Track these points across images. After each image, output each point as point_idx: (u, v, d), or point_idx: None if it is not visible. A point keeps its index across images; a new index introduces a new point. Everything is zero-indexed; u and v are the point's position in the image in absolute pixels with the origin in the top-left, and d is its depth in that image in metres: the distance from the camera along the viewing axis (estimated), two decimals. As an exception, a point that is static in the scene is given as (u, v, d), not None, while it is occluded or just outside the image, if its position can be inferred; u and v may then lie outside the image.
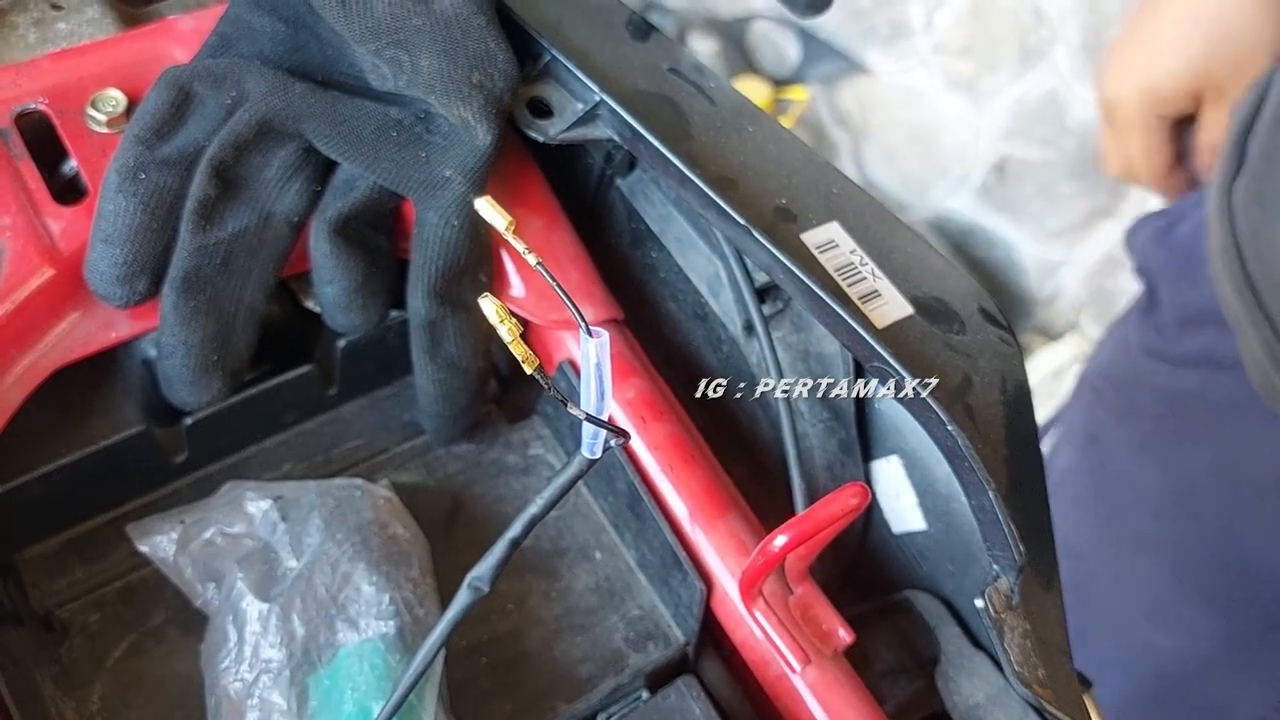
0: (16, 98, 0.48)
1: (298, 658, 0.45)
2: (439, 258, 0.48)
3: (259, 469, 0.54)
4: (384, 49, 0.47)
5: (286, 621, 0.45)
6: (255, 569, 0.46)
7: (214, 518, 0.48)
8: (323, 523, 0.47)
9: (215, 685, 0.45)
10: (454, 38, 0.47)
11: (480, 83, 0.46)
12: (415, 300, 0.49)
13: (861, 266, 0.44)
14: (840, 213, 0.46)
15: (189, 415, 0.50)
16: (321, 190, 0.48)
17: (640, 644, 0.51)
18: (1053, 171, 1.75)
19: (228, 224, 0.46)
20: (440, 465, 0.56)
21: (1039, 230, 1.82)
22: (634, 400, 0.52)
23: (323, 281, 0.49)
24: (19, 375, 0.46)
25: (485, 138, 0.46)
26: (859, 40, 1.84)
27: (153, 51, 0.51)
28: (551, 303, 0.51)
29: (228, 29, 0.50)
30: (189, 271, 0.45)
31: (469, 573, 0.42)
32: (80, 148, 0.48)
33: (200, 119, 0.47)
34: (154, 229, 0.45)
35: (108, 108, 0.48)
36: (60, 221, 0.46)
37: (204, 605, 0.48)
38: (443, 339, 0.50)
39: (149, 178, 0.45)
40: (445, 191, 0.47)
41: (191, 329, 0.46)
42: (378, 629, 0.45)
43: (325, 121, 0.46)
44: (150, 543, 0.49)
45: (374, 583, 0.46)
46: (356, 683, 0.44)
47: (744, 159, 0.46)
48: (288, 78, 0.47)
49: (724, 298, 0.55)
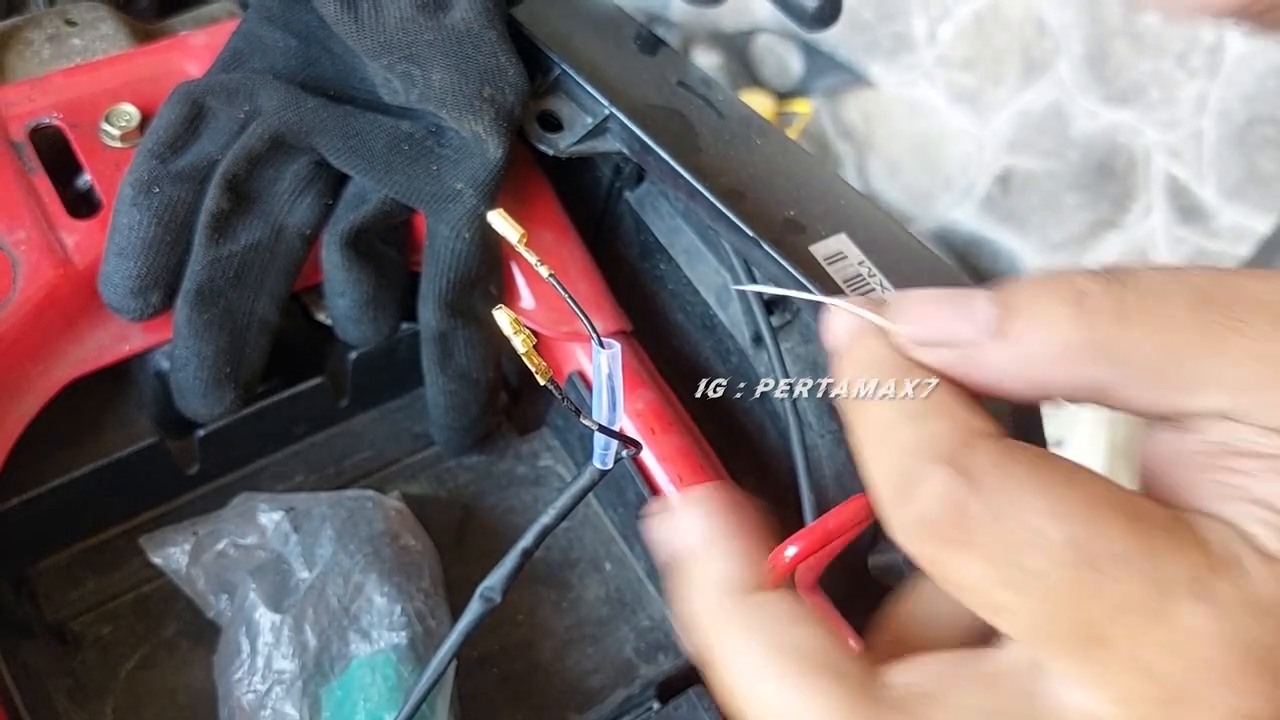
0: (31, 112, 0.49)
1: (310, 669, 0.45)
2: (450, 270, 0.48)
3: (271, 480, 0.54)
4: (396, 63, 0.47)
5: (299, 632, 0.45)
6: (268, 580, 0.47)
7: (227, 529, 0.48)
8: (335, 534, 0.48)
9: (228, 696, 0.45)
10: (465, 52, 0.47)
11: (491, 97, 0.47)
12: (426, 312, 0.49)
13: (870, 278, 0.44)
14: (848, 224, 0.46)
15: (202, 427, 0.50)
16: (333, 203, 0.48)
17: (651, 655, 0.51)
18: (1056, 183, 1.75)
19: (241, 237, 0.46)
20: (451, 476, 0.56)
21: (1043, 242, 1.82)
22: (643, 411, 0.52)
23: (334, 294, 0.49)
24: (33, 388, 0.46)
25: (496, 151, 0.47)
26: (862, 53, 1.85)
27: (166, 67, 0.52)
28: (561, 314, 0.52)
29: (240, 44, 0.50)
30: (202, 284, 0.46)
31: (481, 584, 0.42)
32: (94, 162, 0.48)
33: (213, 133, 0.47)
34: (167, 242, 0.45)
35: (121, 122, 0.49)
36: (74, 235, 0.47)
37: (216, 616, 0.48)
38: (453, 351, 0.50)
39: (163, 191, 0.45)
40: (456, 204, 0.47)
41: (205, 341, 0.46)
42: (389, 640, 0.46)
43: (337, 135, 0.47)
44: (163, 554, 0.49)
45: (386, 594, 0.46)
46: (369, 694, 0.44)
47: (752, 171, 0.46)
48: (300, 92, 0.47)
49: (732, 309, 0.55)
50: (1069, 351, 0.27)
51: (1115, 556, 0.24)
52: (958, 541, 0.25)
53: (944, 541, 0.26)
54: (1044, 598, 0.25)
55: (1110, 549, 0.25)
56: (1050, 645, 0.25)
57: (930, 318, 0.29)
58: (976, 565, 0.25)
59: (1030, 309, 0.28)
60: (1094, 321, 0.27)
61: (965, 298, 0.29)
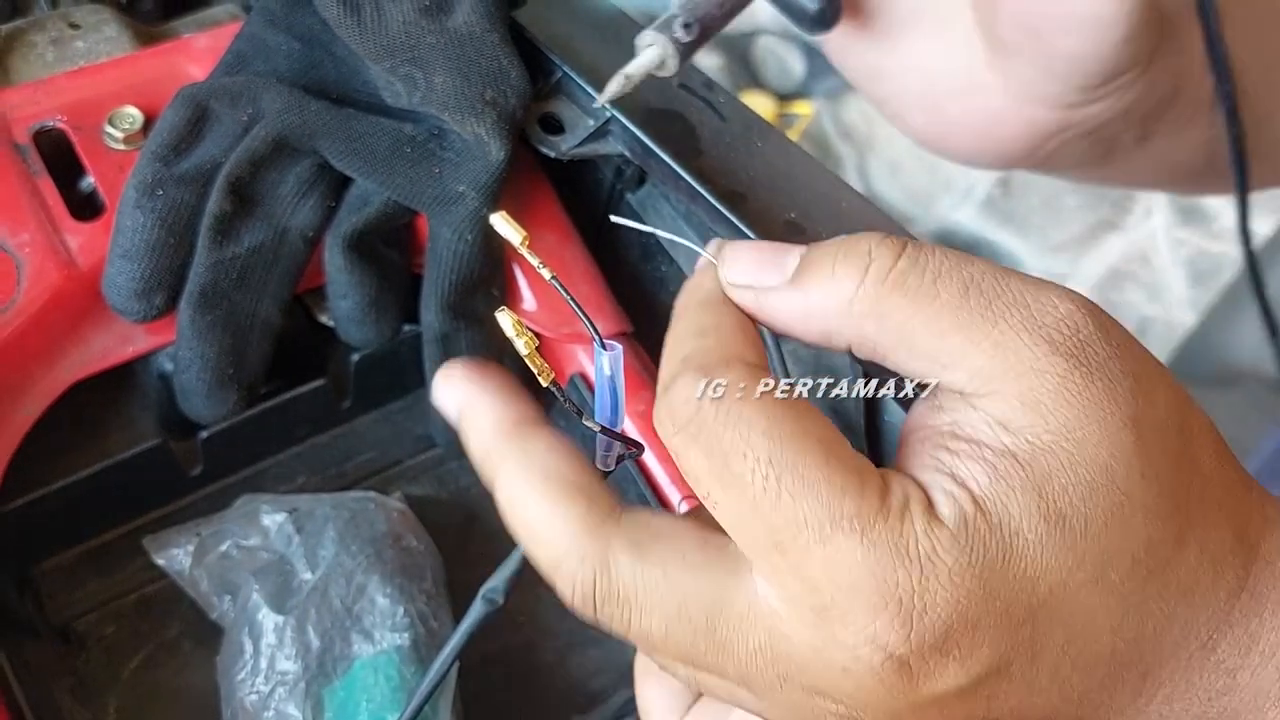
0: (35, 115, 0.49)
1: (313, 670, 0.45)
2: (452, 272, 0.48)
3: (274, 482, 0.54)
4: (398, 66, 0.47)
5: (302, 634, 0.45)
6: (270, 581, 0.47)
7: (230, 530, 0.48)
8: (337, 535, 0.48)
9: (231, 697, 0.45)
10: (467, 55, 0.47)
11: (493, 99, 0.47)
12: (428, 314, 0.49)
13: (871, 280, 0.44)
14: (850, 226, 0.46)
15: (205, 428, 0.51)
16: (336, 206, 0.48)
17: (652, 655, 0.51)
18: (1057, 185, 1.75)
19: (244, 239, 0.46)
20: (453, 478, 0.56)
21: (1043, 243, 1.82)
22: (645, 413, 0.52)
23: (337, 296, 0.49)
24: (37, 389, 0.46)
25: (498, 153, 0.47)
26: (863, 55, 1.85)
27: (169, 69, 0.52)
28: (563, 316, 0.52)
29: (243, 46, 0.50)
30: (205, 286, 0.46)
31: (483, 585, 0.42)
32: (98, 164, 0.49)
33: (217, 136, 0.47)
34: (171, 244, 0.46)
35: (125, 125, 0.49)
36: (78, 237, 0.47)
37: (220, 617, 0.48)
38: (456, 353, 0.50)
39: (166, 194, 0.46)
40: (458, 207, 0.47)
41: (208, 343, 0.46)
42: (392, 641, 0.46)
43: (340, 138, 0.47)
44: (167, 555, 0.49)
45: (388, 595, 0.47)
46: (371, 695, 0.45)
47: (754, 174, 0.47)
48: (303, 95, 0.47)
49: (734, 311, 0.55)
50: (848, 307, 0.32)
51: (803, 481, 0.29)
52: (689, 434, 0.31)
53: (681, 433, 0.31)
54: (740, 498, 0.30)
55: (801, 474, 0.30)
56: (743, 539, 0.31)
57: (746, 263, 0.34)
58: (701, 458, 0.31)
59: (821, 265, 0.33)
60: (873, 285, 0.32)
61: (781, 251, 0.34)
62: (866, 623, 0.29)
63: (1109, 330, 0.31)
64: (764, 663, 0.32)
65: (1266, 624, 0.33)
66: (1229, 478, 0.33)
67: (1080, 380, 0.30)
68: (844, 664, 0.30)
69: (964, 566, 0.29)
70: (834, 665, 0.30)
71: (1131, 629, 0.31)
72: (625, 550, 0.32)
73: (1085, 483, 0.30)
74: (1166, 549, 0.31)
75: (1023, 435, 0.30)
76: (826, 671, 0.30)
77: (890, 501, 0.30)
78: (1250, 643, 0.33)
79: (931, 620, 0.29)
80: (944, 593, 0.29)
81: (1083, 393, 0.30)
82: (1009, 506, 0.30)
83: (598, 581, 0.33)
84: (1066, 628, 0.30)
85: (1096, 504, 0.30)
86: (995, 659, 0.30)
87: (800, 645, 0.31)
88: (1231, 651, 0.33)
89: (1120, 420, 0.30)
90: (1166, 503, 0.31)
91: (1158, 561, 0.31)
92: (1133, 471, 0.30)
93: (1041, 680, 0.31)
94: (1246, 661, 0.33)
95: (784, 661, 0.31)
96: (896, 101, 0.54)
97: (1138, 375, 0.31)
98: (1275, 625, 0.33)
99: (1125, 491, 0.30)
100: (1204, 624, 0.32)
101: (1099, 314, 0.31)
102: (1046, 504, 0.30)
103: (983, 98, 0.51)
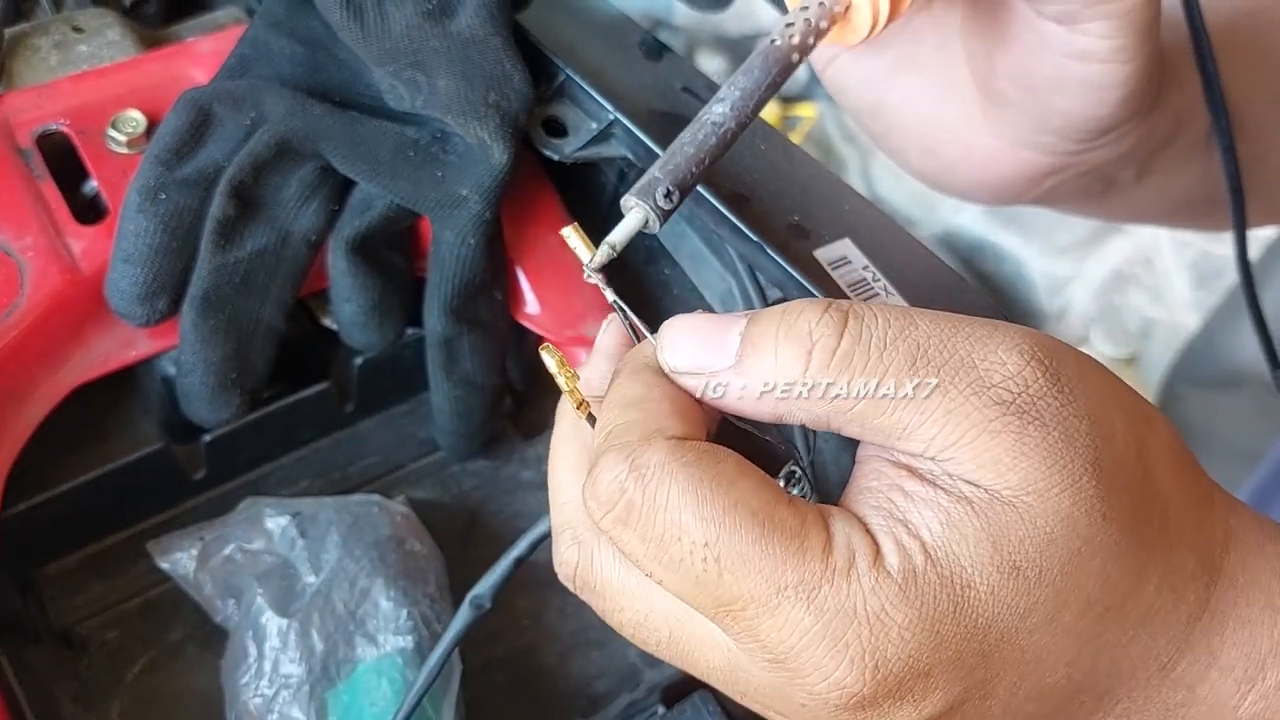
0: (38, 119, 0.49)
1: (316, 673, 0.45)
2: (455, 276, 0.48)
3: (277, 485, 0.54)
4: (402, 70, 0.47)
5: (305, 637, 0.45)
6: (274, 585, 0.47)
7: (233, 534, 0.48)
8: (340, 539, 0.48)
9: (235, 701, 0.45)
10: (470, 59, 0.47)
11: (496, 103, 0.47)
12: (431, 318, 0.49)
13: (874, 283, 0.44)
14: (853, 229, 0.46)
15: (208, 432, 0.51)
16: (339, 209, 0.48)
17: (656, 659, 0.51)
18: (1061, 187, 1.75)
19: (247, 243, 0.46)
20: (456, 481, 0.56)
21: (1048, 246, 1.82)
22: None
23: (340, 299, 0.49)
24: (40, 393, 0.46)
25: (501, 157, 0.47)
26: (866, 57, 1.85)
27: (172, 73, 0.52)
28: (567, 319, 0.52)
29: (247, 50, 0.50)
30: (208, 290, 0.46)
31: (470, 591, 0.42)
32: (101, 168, 0.49)
33: (220, 139, 0.47)
34: (174, 248, 0.46)
35: (128, 128, 0.49)
36: (81, 241, 0.47)
37: (224, 621, 0.48)
38: (459, 356, 0.50)
39: (169, 198, 0.46)
40: (461, 210, 0.47)
41: (211, 347, 0.46)
42: (396, 644, 0.46)
43: (343, 141, 0.47)
44: (170, 559, 0.49)
45: (392, 598, 0.47)
46: (375, 698, 0.45)
47: (757, 176, 0.47)
48: (306, 98, 0.47)
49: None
50: (796, 391, 0.32)
51: (742, 558, 0.30)
52: (617, 518, 0.31)
53: (610, 516, 0.31)
54: (683, 579, 0.30)
55: (740, 551, 0.30)
56: (693, 605, 0.31)
57: (686, 347, 0.33)
58: (636, 543, 0.31)
59: (763, 347, 0.32)
60: (819, 371, 0.31)
61: (721, 328, 0.33)
62: (824, 674, 0.30)
63: (1060, 377, 0.31)
64: (723, 680, 0.33)
65: (1228, 640, 0.33)
66: (1190, 494, 0.33)
67: (1036, 434, 0.30)
68: (801, 700, 0.31)
69: (914, 621, 0.29)
70: (792, 700, 0.31)
71: (1087, 661, 0.32)
72: (611, 549, 0.34)
73: (1044, 535, 0.30)
74: (1126, 584, 0.31)
75: (981, 487, 0.30)
76: (785, 703, 0.32)
77: (833, 560, 0.30)
78: (1210, 659, 0.33)
79: (885, 672, 0.30)
80: (894, 648, 0.29)
81: (1039, 446, 0.30)
82: (959, 557, 0.30)
83: (580, 567, 0.34)
84: (1018, 667, 0.31)
85: (1054, 554, 0.30)
86: (948, 701, 0.31)
87: (759, 678, 0.32)
88: (1191, 669, 0.33)
89: (1081, 466, 0.30)
90: (1127, 538, 0.31)
91: (1116, 598, 0.31)
92: (1094, 516, 0.30)
93: (995, 712, 0.32)
94: (1206, 676, 0.33)
95: (743, 684, 0.33)
96: (894, 137, 0.54)
97: (1094, 416, 0.31)
98: (1237, 641, 0.33)
99: (1086, 538, 0.30)
100: (1163, 647, 0.33)
101: (1047, 360, 0.31)
102: (1001, 556, 0.30)
103: (979, 139, 0.51)
